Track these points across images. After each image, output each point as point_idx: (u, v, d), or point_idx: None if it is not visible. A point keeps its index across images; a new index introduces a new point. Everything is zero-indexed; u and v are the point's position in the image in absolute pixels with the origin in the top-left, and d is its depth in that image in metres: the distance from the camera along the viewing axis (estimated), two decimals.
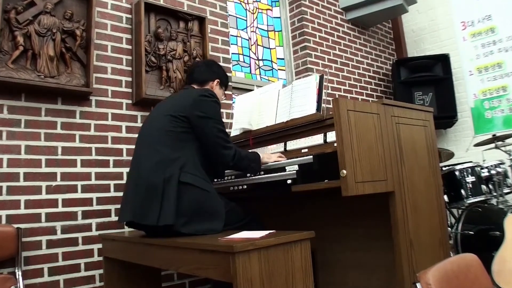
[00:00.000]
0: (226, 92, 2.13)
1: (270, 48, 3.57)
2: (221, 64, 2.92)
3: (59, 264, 2.05)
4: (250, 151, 1.96)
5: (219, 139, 1.74)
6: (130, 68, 2.47)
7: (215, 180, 2.07)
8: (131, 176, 1.78)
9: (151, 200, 1.60)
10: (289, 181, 1.69)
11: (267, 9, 3.63)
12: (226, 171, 2.04)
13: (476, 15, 3.96)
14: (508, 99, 3.77)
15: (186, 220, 1.59)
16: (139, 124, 2.42)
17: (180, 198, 1.60)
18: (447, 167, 2.85)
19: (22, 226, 1.96)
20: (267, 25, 3.60)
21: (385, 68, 4.31)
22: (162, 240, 1.54)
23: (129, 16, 2.52)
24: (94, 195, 2.22)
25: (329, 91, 3.57)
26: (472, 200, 2.69)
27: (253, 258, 1.20)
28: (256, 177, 1.86)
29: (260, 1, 3.59)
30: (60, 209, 2.10)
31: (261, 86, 2.47)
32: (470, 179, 2.72)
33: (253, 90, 2.44)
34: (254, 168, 1.85)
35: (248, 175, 1.90)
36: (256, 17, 3.52)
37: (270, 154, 1.98)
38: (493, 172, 2.71)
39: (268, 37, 3.58)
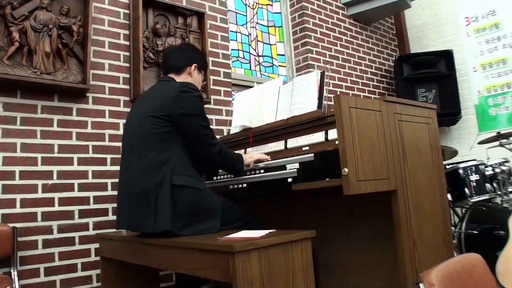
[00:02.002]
0: (205, 75, 2.06)
1: (271, 44, 3.54)
2: (221, 60, 2.90)
3: (55, 264, 2.03)
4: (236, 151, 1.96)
5: (204, 136, 1.70)
6: (127, 65, 2.44)
7: (214, 178, 2.04)
8: (122, 183, 1.75)
9: (145, 207, 1.58)
10: (289, 180, 1.67)
11: (267, 4, 3.60)
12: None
13: (480, 10, 3.92)
14: None
15: (184, 222, 1.57)
16: None
17: (175, 202, 1.57)
18: (450, 165, 2.83)
19: (18, 225, 1.94)
20: (267, 20, 3.57)
21: (387, 64, 4.28)
22: (160, 240, 1.53)
23: (127, 11, 2.50)
24: (91, 194, 2.19)
25: (331, 88, 3.54)
26: (476, 199, 2.66)
27: (253, 258, 1.19)
28: (256, 175, 1.85)
29: None
30: (57, 208, 2.08)
31: (261, 83, 2.46)
32: (474, 177, 2.69)
33: (253, 86, 2.42)
34: (239, 169, 1.83)
35: (248, 173, 1.88)
36: (256, 13, 3.49)
37: (252, 154, 1.96)
38: (497, 170, 2.68)
39: (269, 33, 3.55)
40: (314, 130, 1.87)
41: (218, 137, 1.96)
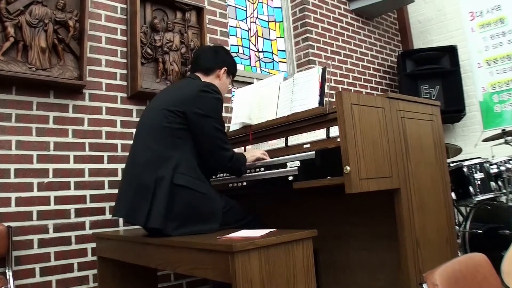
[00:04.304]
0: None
1: (271, 40, 3.50)
2: None
3: (51, 264, 2.01)
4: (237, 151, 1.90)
5: (217, 139, 1.66)
6: (125, 60, 2.42)
7: (213, 176, 2.01)
8: (126, 171, 1.74)
9: (140, 200, 1.56)
10: (290, 178, 1.65)
11: None
12: None
13: (485, 5, 3.87)
14: None
15: (179, 223, 1.54)
16: (134, 118, 2.38)
17: (172, 201, 1.54)
18: (454, 163, 2.81)
19: (13, 224, 1.92)
20: (268, 15, 3.53)
21: (390, 60, 4.24)
22: (158, 240, 1.51)
23: (124, 6, 2.47)
24: (87, 192, 2.17)
25: (332, 84, 3.50)
26: (481, 197, 2.65)
27: (253, 257, 1.17)
28: (256, 173, 1.83)
29: None
30: (52, 206, 2.05)
31: (261, 79, 2.43)
32: (478, 175, 2.68)
33: (253, 83, 2.39)
34: (244, 170, 1.81)
35: (248, 171, 1.86)
36: (256, 7, 3.45)
37: (253, 151, 1.93)
38: (502, 168, 2.67)
39: (269, 28, 3.51)
40: (315, 127, 1.84)
41: None
